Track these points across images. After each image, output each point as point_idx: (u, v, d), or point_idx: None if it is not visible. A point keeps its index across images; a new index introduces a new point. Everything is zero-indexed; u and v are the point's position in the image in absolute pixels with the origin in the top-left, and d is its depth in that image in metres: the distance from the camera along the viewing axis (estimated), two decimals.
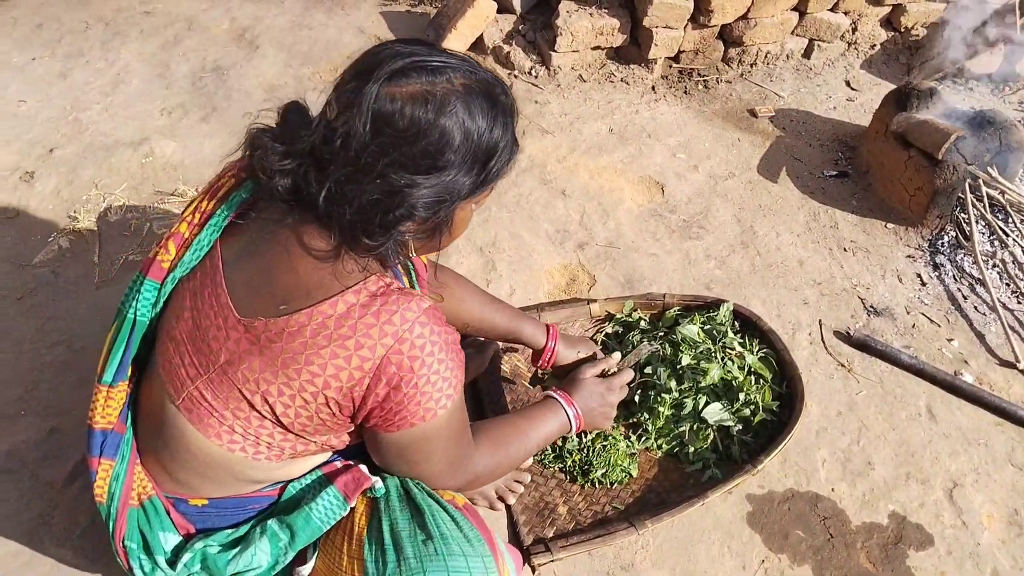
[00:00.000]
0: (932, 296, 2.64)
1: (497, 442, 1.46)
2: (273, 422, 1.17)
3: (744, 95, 3.52)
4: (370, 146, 1.05)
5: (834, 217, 2.91)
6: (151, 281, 1.26)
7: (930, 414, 2.26)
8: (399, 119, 1.05)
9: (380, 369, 1.11)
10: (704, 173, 3.04)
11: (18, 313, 2.18)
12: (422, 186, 1.08)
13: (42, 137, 2.79)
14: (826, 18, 3.60)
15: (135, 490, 1.30)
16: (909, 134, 2.86)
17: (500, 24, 3.46)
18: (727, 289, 2.54)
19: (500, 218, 2.69)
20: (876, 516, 1.99)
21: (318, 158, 1.09)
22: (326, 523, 1.31)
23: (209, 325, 1.18)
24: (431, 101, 1.06)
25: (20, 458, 1.86)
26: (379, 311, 1.10)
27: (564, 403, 1.62)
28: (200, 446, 1.22)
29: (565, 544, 1.75)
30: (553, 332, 1.84)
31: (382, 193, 1.07)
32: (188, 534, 1.34)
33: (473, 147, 1.10)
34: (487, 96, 1.12)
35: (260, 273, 1.17)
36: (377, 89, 1.04)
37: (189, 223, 1.26)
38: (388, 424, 1.17)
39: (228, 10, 3.62)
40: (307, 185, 1.10)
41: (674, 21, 3.32)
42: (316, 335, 1.10)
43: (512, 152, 1.19)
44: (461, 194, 1.14)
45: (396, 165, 1.06)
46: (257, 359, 1.13)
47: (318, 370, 1.10)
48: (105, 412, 1.28)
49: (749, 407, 2.01)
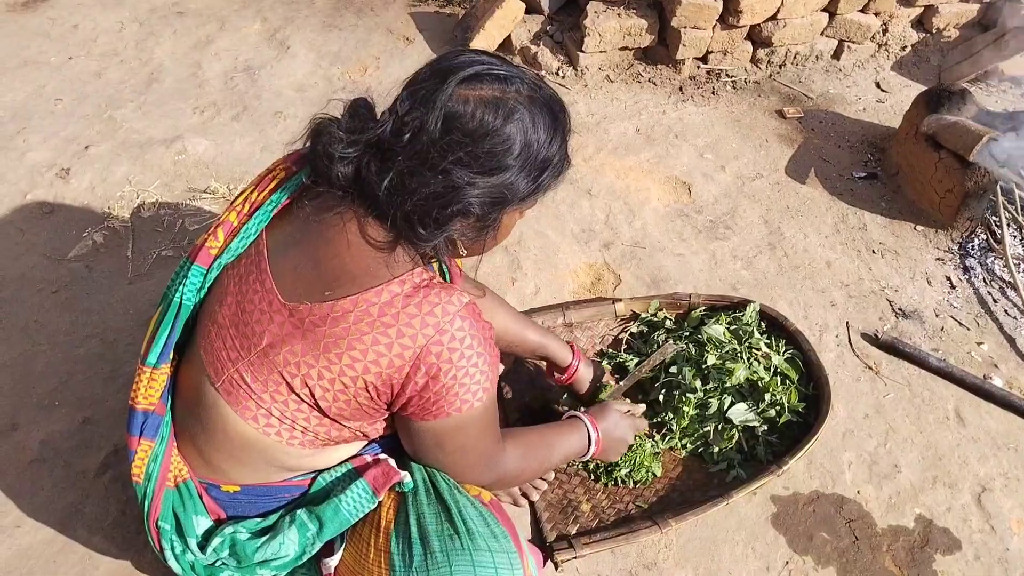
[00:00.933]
0: (962, 299, 2.61)
1: (526, 447, 1.51)
2: (311, 405, 1.20)
3: (772, 96, 3.50)
4: (438, 142, 1.10)
5: (863, 219, 2.89)
6: (198, 266, 1.30)
7: (958, 418, 2.24)
8: (469, 120, 1.10)
9: (420, 358, 1.14)
10: (731, 174, 3.03)
11: (53, 306, 2.23)
12: (480, 186, 1.13)
13: (77, 134, 2.85)
14: (856, 19, 3.57)
15: (172, 472, 1.33)
16: (940, 135, 2.83)
17: (528, 24, 3.47)
18: (753, 290, 2.53)
19: (526, 216, 2.70)
20: (902, 519, 1.98)
21: (384, 149, 1.13)
22: (354, 515, 1.33)
23: (253, 309, 1.21)
24: (501, 107, 1.11)
25: (54, 448, 1.90)
26: (422, 302, 1.14)
27: (590, 426, 1.68)
28: (237, 429, 1.25)
29: (588, 541, 1.75)
30: (577, 352, 1.92)
31: (442, 188, 1.11)
32: (219, 520, 1.37)
33: (532, 156, 1.15)
34: (549, 111, 1.17)
35: (307, 259, 1.20)
36: (452, 89, 1.10)
37: (239, 212, 1.30)
38: (425, 413, 1.21)
39: (259, 11, 3.67)
40: (369, 174, 1.14)
41: (702, 21, 3.31)
42: (359, 321, 1.13)
43: (563, 166, 1.24)
44: (515, 199, 1.18)
45: (460, 163, 1.11)
46: (300, 342, 1.16)
47: (359, 355, 1.14)
48: (148, 393, 1.30)
49: (775, 408, 2.00)
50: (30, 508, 1.79)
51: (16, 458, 1.88)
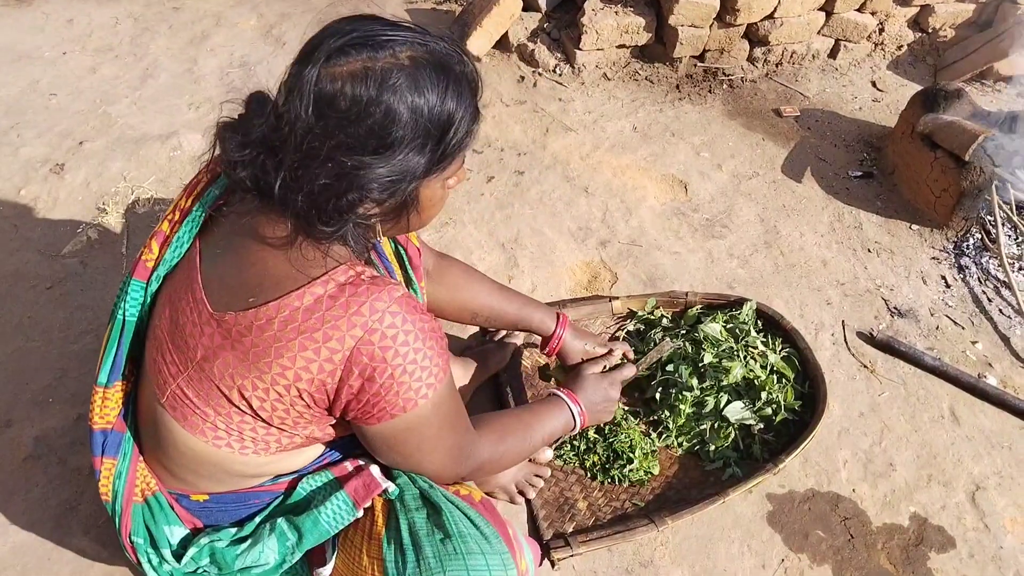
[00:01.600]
0: (957, 298, 2.62)
1: (501, 433, 1.45)
2: (253, 416, 1.16)
3: (769, 95, 3.50)
4: (314, 129, 1.02)
5: (858, 218, 2.90)
6: (137, 281, 1.26)
7: (953, 416, 2.24)
8: (340, 99, 1.01)
9: (351, 361, 1.08)
10: (728, 172, 3.03)
11: (47, 302, 2.22)
12: (372, 167, 1.04)
13: (72, 130, 2.83)
14: (853, 18, 3.58)
15: (138, 487, 1.30)
16: (936, 135, 2.84)
17: (525, 22, 3.47)
18: (750, 288, 2.53)
19: (522, 214, 2.70)
20: (897, 517, 1.98)
21: (270, 147, 1.06)
22: (334, 527, 1.29)
23: (186, 321, 1.17)
24: (372, 77, 1.01)
25: (48, 444, 1.89)
26: (347, 302, 1.08)
27: (568, 400, 1.62)
28: (188, 444, 1.21)
29: (585, 539, 1.75)
30: (563, 320, 1.81)
31: (332, 177, 1.04)
32: (196, 528, 1.34)
33: (423, 122, 1.05)
34: (437, 67, 1.06)
35: (232, 267, 1.16)
36: (317, 70, 1.01)
37: (170, 221, 1.26)
38: (368, 416, 1.15)
39: (255, 6, 3.65)
40: (264, 174, 1.07)
41: (700, 20, 3.31)
42: (284, 327, 1.08)
43: (471, 123, 1.13)
44: (417, 172, 1.09)
45: (343, 147, 1.03)
46: (230, 353, 1.12)
47: (288, 363, 1.08)
48: (103, 412, 1.28)
49: (771, 406, 2.00)
50: (24, 505, 1.78)
51: (10, 455, 1.87)
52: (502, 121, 3.14)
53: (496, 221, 2.67)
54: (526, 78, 3.38)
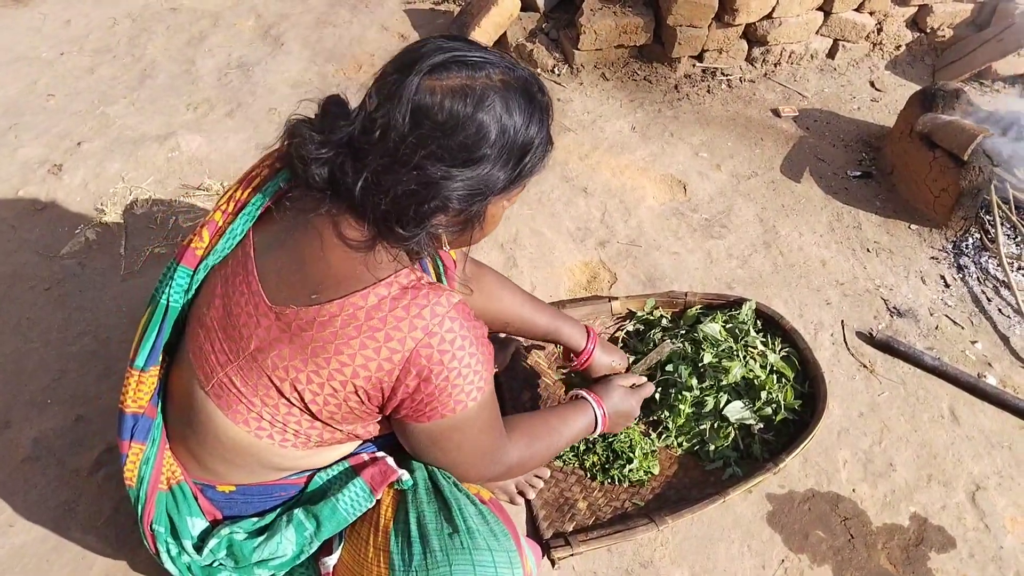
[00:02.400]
0: (956, 298, 2.62)
1: (531, 436, 1.49)
2: (301, 409, 1.19)
3: (767, 95, 3.50)
4: (408, 137, 1.06)
5: (857, 218, 2.90)
6: (184, 268, 1.28)
7: (953, 416, 2.24)
8: (438, 112, 1.06)
9: (410, 361, 1.12)
10: (727, 172, 3.03)
11: (46, 303, 2.22)
12: (457, 179, 1.09)
13: (70, 130, 2.83)
14: (851, 18, 3.58)
15: (164, 475, 1.32)
16: (934, 135, 2.84)
17: (523, 22, 3.47)
18: (749, 288, 2.53)
19: (522, 215, 2.70)
20: (897, 517, 1.98)
21: (356, 148, 1.10)
22: (352, 514, 1.32)
23: (240, 312, 1.19)
24: (470, 95, 1.07)
25: (47, 446, 1.89)
26: (409, 305, 1.12)
27: (596, 405, 1.66)
28: (228, 432, 1.23)
29: (585, 539, 1.75)
30: (593, 336, 1.86)
31: (418, 184, 1.08)
32: (215, 520, 1.36)
33: (509, 142, 1.11)
34: (524, 93, 1.13)
35: (292, 262, 1.18)
36: (418, 82, 1.06)
37: (223, 211, 1.28)
38: (419, 415, 1.19)
39: (253, 7, 3.65)
40: (343, 175, 1.11)
41: (698, 20, 3.31)
42: (346, 325, 1.11)
43: (546, 149, 1.20)
44: (495, 189, 1.14)
45: (433, 157, 1.07)
46: (287, 347, 1.14)
47: (347, 360, 1.12)
48: (136, 396, 1.29)
49: (771, 406, 2.00)
50: (23, 506, 1.77)
51: (9, 456, 1.87)
52: None
53: None
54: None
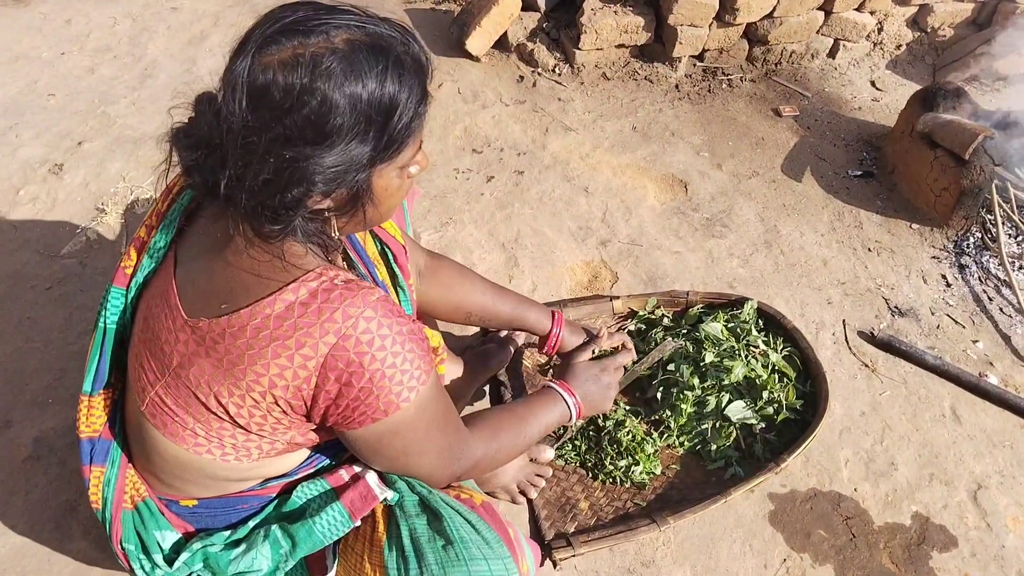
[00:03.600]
0: (957, 297, 2.62)
1: (494, 429, 1.43)
2: (231, 423, 1.14)
3: (768, 94, 3.50)
4: (250, 123, 0.98)
5: (858, 217, 2.90)
6: (117, 288, 1.25)
7: (954, 415, 2.24)
8: (273, 90, 0.97)
9: (326, 367, 1.06)
10: (728, 172, 3.03)
11: (47, 303, 2.21)
12: (313, 158, 1.00)
13: (71, 130, 2.83)
14: (852, 18, 3.58)
15: (128, 493, 1.29)
16: (935, 134, 2.84)
17: (524, 22, 3.46)
18: (750, 288, 2.53)
19: (523, 214, 2.70)
20: (899, 517, 1.98)
21: (213, 146, 1.02)
22: (329, 538, 1.27)
23: (161, 328, 1.15)
24: (303, 64, 0.97)
25: (48, 445, 1.89)
26: (319, 308, 1.05)
27: (562, 391, 1.59)
28: (169, 451, 1.20)
29: (586, 539, 1.75)
30: (558, 318, 1.81)
31: (272, 171, 0.99)
32: (188, 533, 1.33)
33: (363, 108, 1.00)
34: (376, 49, 1.01)
35: (204, 272, 1.14)
36: (248, 61, 0.97)
37: (148, 226, 1.25)
38: (349, 421, 1.13)
39: (254, 7, 3.64)
40: (212, 175, 1.03)
41: (699, 19, 3.31)
42: (257, 335, 1.06)
43: (418, 106, 1.07)
44: (363, 161, 1.04)
45: (280, 139, 0.98)
46: (204, 360, 1.10)
47: (262, 370, 1.07)
48: (90, 420, 1.28)
49: (772, 405, 2.00)
50: (24, 506, 1.77)
51: (10, 456, 1.86)
52: (502, 121, 3.13)
53: (496, 221, 2.66)
54: (525, 78, 3.38)
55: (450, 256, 2.48)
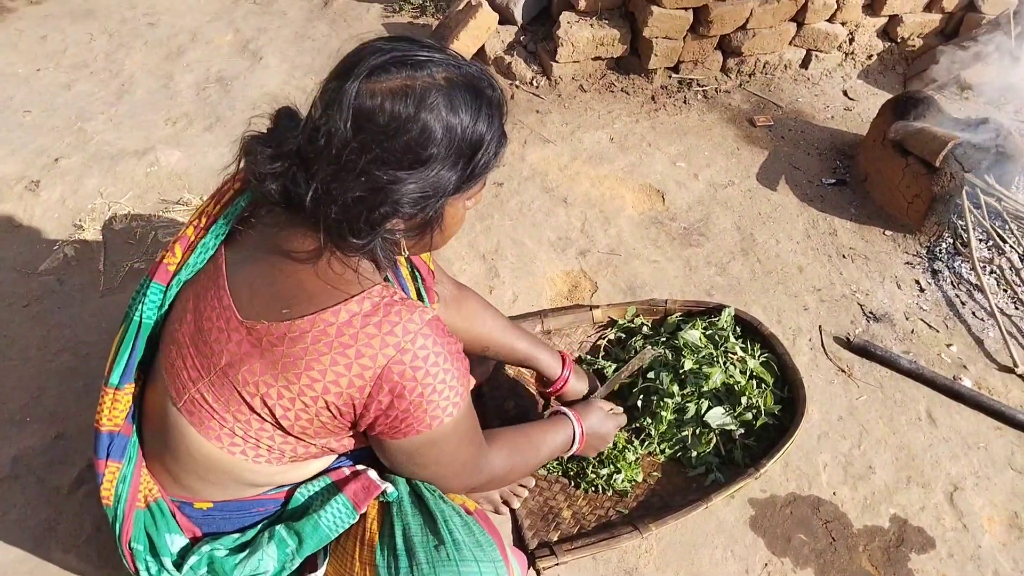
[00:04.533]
0: (931, 302, 2.66)
1: (512, 448, 1.50)
2: (273, 424, 1.17)
3: (743, 105, 3.55)
4: (351, 143, 1.05)
5: (833, 224, 2.94)
6: (156, 284, 1.27)
7: (930, 418, 2.27)
8: (379, 115, 1.04)
9: (382, 378, 1.11)
10: (704, 181, 3.07)
11: (24, 320, 2.20)
12: (406, 182, 1.07)
13: (47, 147, 2.81)
14: (824, 29, 3.64)
15: (141, 492, 1.31)
16: (907, 142, 2.89)
17: (502, 35, 3.49)
18: (728, 295, 2.56)
19: (503, 225, 2.71)
20: (878, 519, 2.00)
21: (304, 159, 1.09)
22: (334, 531, 1.31)
23: (211, 327, 1.18)
24: (411, 95, 1.05)
25: (26, 464, 1.87)
26: (381, 321, 1.11)
27: (576, 422, 1.68)
28: (201, 449, 1.22)
29: (570, 548, 1.76)
30: (568, 364, 1.88)
31: (366, 190, 1.06)
32: (195, 537, 1.34)
33: (457, 141, 1.09)
34: (471, 89, 1.11)
35: (262, 277, 1.18)
36: (357, 86, 1.04)
37: (195, 227, 1.28)
38: (394, 431, 1.18)
39: (231, 22, 3.65)
40: (295, 187, 1.09)
41: (674, 32, 3.35)
42: (317, 341, 1.10)
43: (499, 145, 1.17)
44: (447, 189, 1.12)
45: (379, 161, 1.05)
46: (258, 362, 1.13)
47: (318, 375, 1.11)
48: (112, 414, 1.28)
49: (751, 411, 2.02)
50: (2, 526, 1.75)
51: None
52: None
53: (476, 232, 2.68)
54: (503, 90, 3.40)
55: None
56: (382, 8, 3.80)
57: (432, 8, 3.75)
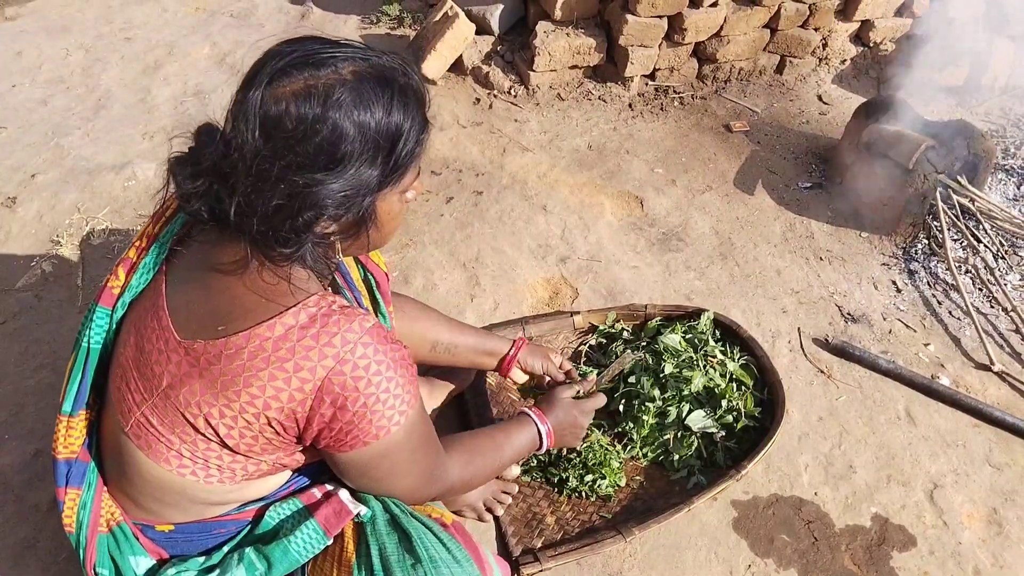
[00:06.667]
0: (907, 302, 2.69)
1: (471, 453, 1.47)
2: (219, 444, 1.15)
3: (719, 111, 3.58)
4: (263, 152, 1.02)
5: (810, 227, 2.97)
6: (102, 308, 1.26)
7: (909, 417, 2.30)
8: (286, 119, 1.02)
9: (322, 390, 1.09)
10: (682, 187, 3.09)
11: (2, 337, 2.18)
12: (324, 183, 1.05)
13: (24, 162, 2.79)
14: (797, 35, 3.67)
15: (103, 517, 1.29)
16: (880, 145, 2.92)
17: (479, 45, 3.51)
18: (707, 300, 2.58)
19: (483, 233, 2.72)
20: (859, 518, 2.02)
21: (222, 174, 1.07)
22: (304, 556, 1.28)
23: (152, 349, 1.17)
24: (315, 95, 1.03)
25: (5, 482, 1.85)
26: (319, 333, 1.09)
27: (537, 420, 1.65)
28: (152, 472, 1.20)
29: (554, 554, 1.76)
30: (519, 342, 1.86)
31: (284, 197, 1.04)
32: (161, 559, 1.32)
33: (371, 135, 1.06)
34: (380, 80, 1.08)
35: (199, 295, 1.16)
36: (261, 93, 1.03)
37: (137, 248, 1.27)
38: (340, 444, 1.15)
39: (208, 35, 3.65)
40: (218, 203, 1.08)
41: (649, 40, 3.38)
42: (254, 357, 1.08)
43: (420, 132, 1.14)
44: (371, 185, 1.10)
45: (293, 167, 1.03)
46: (197, 382, 1.11)
47: (257, 392, 1.09)
48: (67, 442, 1.27)
49: (732, 413, 2.04)
50: None
51: None
52: (459, 142, 3.16)
53: (456, 241, 2.68)
54: (482, 100, 3.42)
55: (412, 277, 2.51)
56: (359, 20, 3.81)
57: (409, 19, 3.76)
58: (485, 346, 1.84)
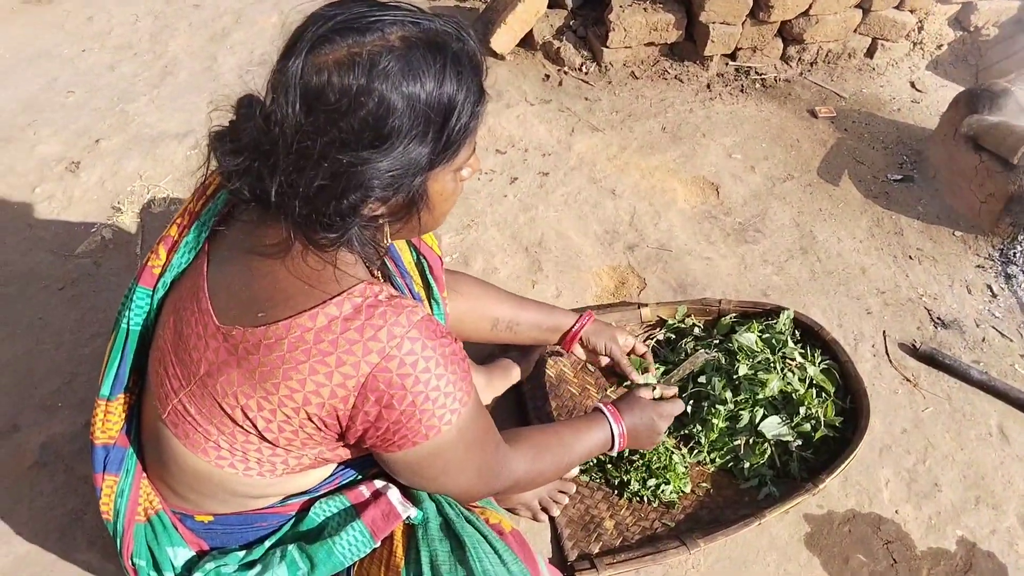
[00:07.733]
0: (1003, 309, 2.50)
1: (538, 449, 1.38)
2: (258, 437, 1.08)
3: (803, 95, 3.39)
4: (304, 127, 0.93)
5: (899, 223, 2.78)
6: (142, 288, 1.19)
7: (1002, 434, 2.13)
8: (328, 91, 0.92)
9: (366, 387, 1.00)
10: (761, 175, 2.93)
11: (59, 303, 2.17)
12: (371, 162, 0.95)
13: (89, 128, 2.79)
14: (891, 16, 3.46)
15: (142, 505, 1.23)
16: (981, 137, 2.72)
17: (551, 19, 3.39)
18: (785, 296, 2.43)
19: (547, 217, 2.61)
20: (943, 542, 1.87)
21: (263, 151, 0.98)
22: (349, 559, 1.22)
23: (190, 333, 1.10)
24: (359, 64, 0.92)
25: (55, 451, 1.84)
26: (363, 326, 1.00)
27: (612, 419, 1.53)
28: (189, 462, 1.14)
29: (612, 561, 1.66)
30: (584, 316, 1.76)
31: (328, 177, 0.95)
32: (201, 550, 1.27)
33: (422, 108, 0.96)
34: (432, 46, 0.97)
35: (240, 277, 1.08)
36: (302, 62, 0.93)
37: (179, 225, 1.20)
38: (388, 444, 1.07)
39: (276, 3, 3.61)
40: (260, 182, 0.99)
41: (732, 17, 3.21)
42: (294, 349, 1.00)
43: (476, 105, 1.04)
44: (422, 164, 1.00)
45: (336, 144, 0.94)
46: (235, 371, 1.04)
47: (297, 386, 1.01)
48: (105, 427, 1.21)
49: (810, 422, 1.90)
50: (29, 514, 1.72)
51: (16, 461, 1.81)
52: (526, 120, 3.05)
53: (520, 224, 2.58)
54: (551, 76, 3.30)
55: (472, 259, 2.42)
56: None
57: None
58: (549, 321, 1.74)
